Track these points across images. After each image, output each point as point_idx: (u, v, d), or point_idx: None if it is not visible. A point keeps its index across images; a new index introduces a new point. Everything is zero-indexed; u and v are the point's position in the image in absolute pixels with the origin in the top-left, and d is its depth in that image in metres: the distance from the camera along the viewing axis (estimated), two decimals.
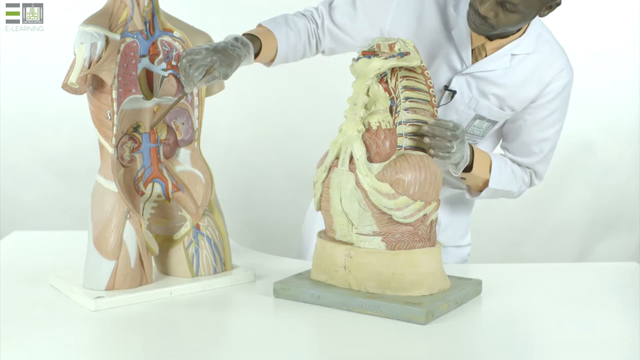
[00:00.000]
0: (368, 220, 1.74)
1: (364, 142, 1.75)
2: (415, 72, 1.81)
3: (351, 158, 1.75)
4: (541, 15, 1.93)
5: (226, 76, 1.81)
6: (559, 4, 1.91)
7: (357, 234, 1.76)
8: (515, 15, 1.87)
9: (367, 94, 1.76)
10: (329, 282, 1.81)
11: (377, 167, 1.74)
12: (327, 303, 1.75)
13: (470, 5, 1.91)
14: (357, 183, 1.74)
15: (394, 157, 1.77)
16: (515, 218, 3.87)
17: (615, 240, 3.91)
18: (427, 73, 1.82)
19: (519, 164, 2.15)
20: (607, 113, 3.83)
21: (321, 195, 1.81)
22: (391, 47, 1.78)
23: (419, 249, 1.75)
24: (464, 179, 2.08)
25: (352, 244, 1.77)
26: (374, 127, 1.75)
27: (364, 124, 1.75)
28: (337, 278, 1.79)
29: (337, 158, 1.78)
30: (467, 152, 1.95)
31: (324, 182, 1.79)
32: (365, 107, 1.76)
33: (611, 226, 3.92)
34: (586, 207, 3.91)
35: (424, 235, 1.76)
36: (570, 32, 3.22)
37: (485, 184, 2.09)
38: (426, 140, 1.81)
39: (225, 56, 1.81)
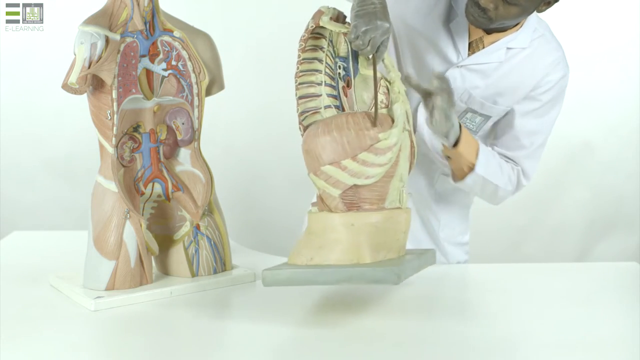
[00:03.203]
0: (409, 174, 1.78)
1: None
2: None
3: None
4: (539, 11, 1.94)
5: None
6: (557, 0, 1.91)
7: (407, 193, 1.77)
8: (515, 8, 1.87)
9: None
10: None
11: None
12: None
13: None
14: (411, 139, 1.76)
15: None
16: (515, 218, 3.87)
17: (615, 240, 3.91)
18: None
19: (507, 159, 2.12)
20: (607, 113, 3.83)
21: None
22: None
23: None
24: (449, 158, 2.02)
25: (400, 208, 1.75)
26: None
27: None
28: (396, 248, 1.73)
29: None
30: (456, 121, 1.89)
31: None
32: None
33: (611, 226, 3.92)
34: (586, 207, 3.90)
35: None
36: (571, 32, 3.21)
37: (471, 169, 2.02)
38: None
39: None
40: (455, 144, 1.95)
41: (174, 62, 1.86)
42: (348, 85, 1.80)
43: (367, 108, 1.77)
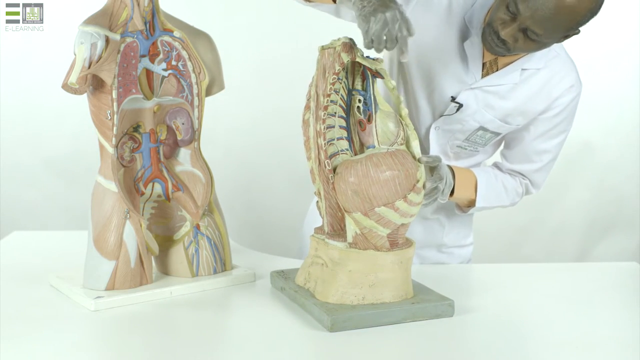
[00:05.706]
0: None
1: None
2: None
3: None
4: (558, 42, 1.89)
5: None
6: (576, 33, 1.85)
7: None
8: (535, 43, 1.83)
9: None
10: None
11: None
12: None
13: (489, 25, 1.86)
14: None
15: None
16: (515, 218, 3.87)
17: (615, 240, 3.91)
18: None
19: (516, 172, 2.14)
20: (607, 113, 3.84)
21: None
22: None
23: None
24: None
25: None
26: None
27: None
28: None
29: None
30: (449, 175, 1.95)
31: None
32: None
33: (611, 226, 3.92)
34: (586, 207, 3.91)
35: None
36: None
37: (472, 203, 2.09)
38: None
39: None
40: (451, 192, 2.01)
41: (174, 62, 1.86)
42: (369, 119, 1.76)
43: (394, 138, 1.74)
